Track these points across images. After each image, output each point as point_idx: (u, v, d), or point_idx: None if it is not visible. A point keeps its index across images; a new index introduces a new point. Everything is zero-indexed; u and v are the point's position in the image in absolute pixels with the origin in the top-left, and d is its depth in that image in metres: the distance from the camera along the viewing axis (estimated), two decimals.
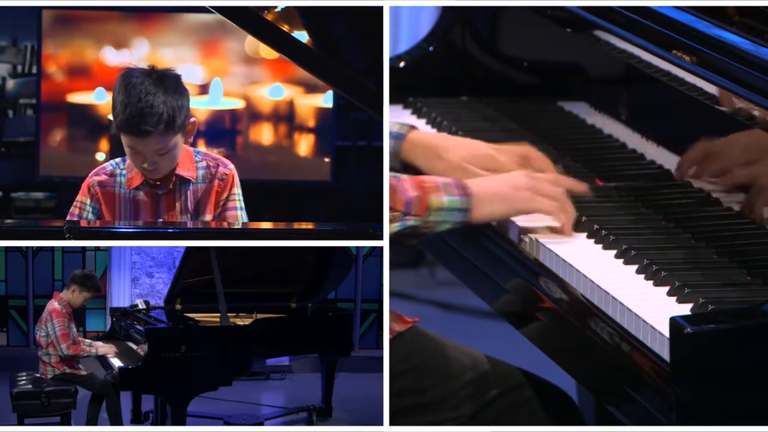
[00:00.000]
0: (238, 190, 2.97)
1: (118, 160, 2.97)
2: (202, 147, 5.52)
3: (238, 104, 5.60)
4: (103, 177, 2.96)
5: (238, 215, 2.95)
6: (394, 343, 2.48)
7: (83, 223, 2.84)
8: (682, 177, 2.51)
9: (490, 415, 2.46)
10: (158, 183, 2.91)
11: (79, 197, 2.97)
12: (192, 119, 2.90)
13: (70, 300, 4.10)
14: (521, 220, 2.42)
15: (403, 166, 2.63)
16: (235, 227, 2.90)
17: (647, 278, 2.22)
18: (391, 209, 2.27)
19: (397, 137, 2.59)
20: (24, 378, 4.12)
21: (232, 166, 2.98)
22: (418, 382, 2.46)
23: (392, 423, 2.45)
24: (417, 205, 2.29)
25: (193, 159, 2.95)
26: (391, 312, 2.52)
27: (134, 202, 2.93)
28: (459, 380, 2.47)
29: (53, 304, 4.08)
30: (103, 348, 4.06)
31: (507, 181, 2.38)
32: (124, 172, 2.94)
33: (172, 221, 2.91)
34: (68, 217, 2.95)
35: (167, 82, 2.83)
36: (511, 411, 2.47)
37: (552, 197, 2.37)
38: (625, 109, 2.74)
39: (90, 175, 2.98)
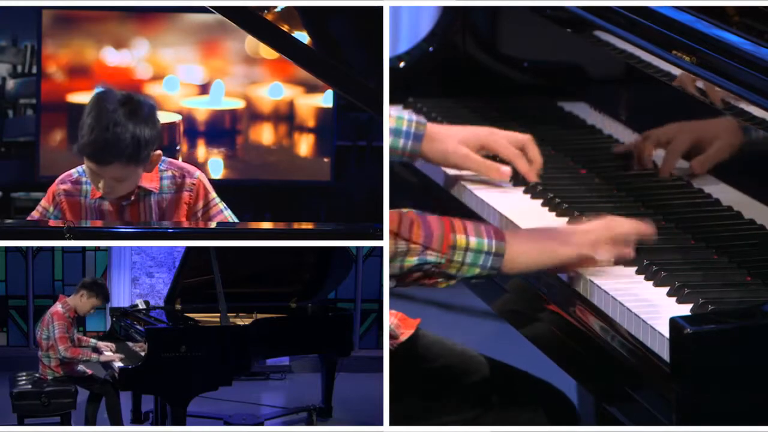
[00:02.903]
0: (213, 194, 2.95)
1: (84, 167, 2.95)
2: (202, 147, 5.54)
3: (238, 104, 5.60)
4: (69, 185, 2.94)
5: (226, 216, 2.94)
6: (397, 348, 2.48)
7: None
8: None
9: (491, 419, 2.46)
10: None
11: (42, 202, 2.96)
12: (157, 152, 2.86)
13: (77, 306, 4.08)
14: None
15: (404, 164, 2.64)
16: (235, 227, 2.90)
17: (647, 278, 2.22)
18: (410, 242, 2.15)
19: (415, 138, 2.57)
20: (24, 378, 4.11)
21: (198, 173, 2.95)
22: (418, 387, 2.46)
23: (392, 425, 2.45)
24: (439, 241, 2.16)
25: (158, 169, 2.92)
26: (394, 312, 2.51)
27: (99, 211, 2.92)
28: (459, 384, 2.47)
29: (56, 307, 4.06)
30: (105, 357, 4.04)
31: (543, 233, 2.27)
32: (89, 180, 2.92)
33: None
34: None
35: (141, 113, 2.78)
36: (512, 414, 2.47)
37: (588, 246, 2.25)
38: (625, 109, 2.74)
39: (56, 181, 2.96)
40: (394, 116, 2.58)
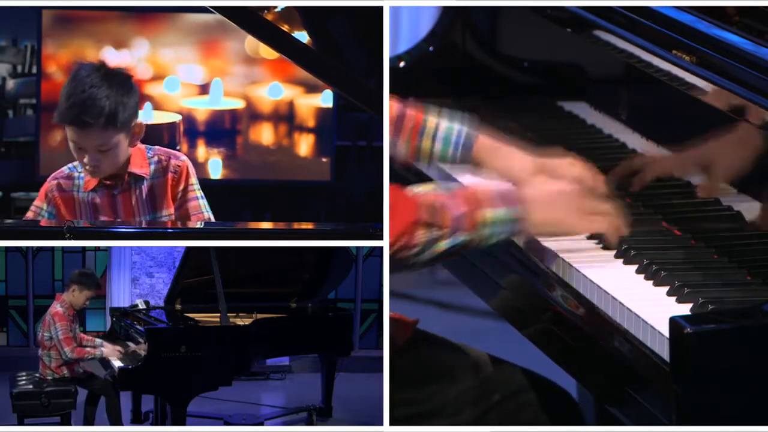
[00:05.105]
0: (194, 180, 2.95)
1: (75, 163, 2.94)
2: (202, 147, 5.54)
3: (238, 104, 5.60)
4: (62, 181, 2.95)
5: (200, 204, 2.94)
6: (396, 352, 2.47)
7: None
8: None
9: (493, 419, 2.45)
10: (111, 183, 2.90)
11: (36, 202, 2.96)
12: (138, 121, 2.88)
13: (71, 301, 4.08)
14: None
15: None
16: (236, 227, 2.90)
17: (647, 278, 2.22)
18: (441, 227, 2.16)
19: (465, 147, 2.48)
20: (24, 378, 4.11)
21: (184, 158, 2.97)
22: (418, 391, 2.46)
23: (392, 425, 2.44)
24: (466, 221, 2.18)
25: (146, 155, 2.93)
26: (391, 317, 2.51)
27: (92, 204, 2.92)
28: (460, 386, 2.47)
29: (56, 307, 4.06)
30: (108, 350, 4.05)
31: (560, 197, 2.28)
32: (81, 175, 2.93)
33: (129, 220, 2.91)
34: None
35: (115, 78, 2.82)
36: (513, 414, 2.47)
37: (604, 215, 2.29)
38: (625, 109, 2.74)
39: (49, 179, 2.97)
40: (443, 126, 2.52)
